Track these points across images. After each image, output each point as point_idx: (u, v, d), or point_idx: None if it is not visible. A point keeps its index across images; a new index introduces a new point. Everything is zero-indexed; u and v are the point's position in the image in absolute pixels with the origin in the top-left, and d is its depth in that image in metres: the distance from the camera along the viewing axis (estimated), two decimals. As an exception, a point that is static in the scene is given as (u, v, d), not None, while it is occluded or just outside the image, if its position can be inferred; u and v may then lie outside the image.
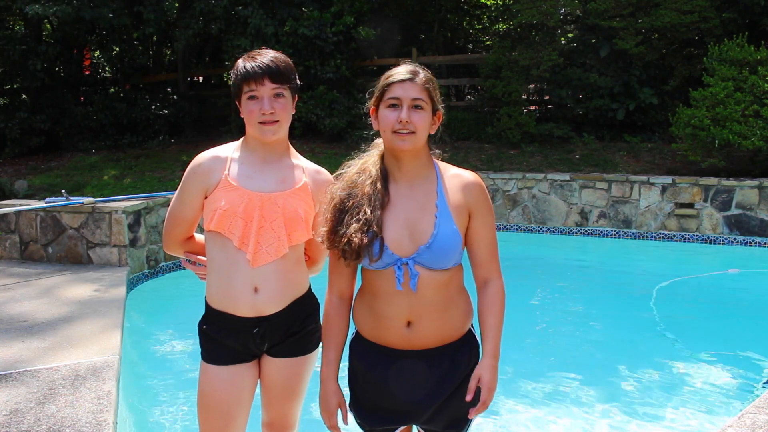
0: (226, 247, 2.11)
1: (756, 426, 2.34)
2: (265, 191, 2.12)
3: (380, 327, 1.94)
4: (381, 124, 1.91)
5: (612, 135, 10.66)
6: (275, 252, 2.11)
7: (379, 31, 11.46)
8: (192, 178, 2.16)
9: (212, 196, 2.12)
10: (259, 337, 2.14)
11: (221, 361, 2.16)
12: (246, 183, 2.11)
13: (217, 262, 2.14)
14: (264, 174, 2.14)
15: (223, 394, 2.15)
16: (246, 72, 2.05)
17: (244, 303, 2.11)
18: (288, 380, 2.21)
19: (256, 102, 2.06)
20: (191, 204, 2.18)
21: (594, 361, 4.74)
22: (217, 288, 2.15)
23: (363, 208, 1.89)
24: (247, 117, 2.09)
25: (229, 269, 2.12)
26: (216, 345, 2.16)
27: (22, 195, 9.04)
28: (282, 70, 2.07)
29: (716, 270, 7.16)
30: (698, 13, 9.65)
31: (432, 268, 1.88)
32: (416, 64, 1.95)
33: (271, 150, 2.16)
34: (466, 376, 1.97)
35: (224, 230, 2.09)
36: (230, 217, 2.08)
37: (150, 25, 10.79)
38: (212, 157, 2.16)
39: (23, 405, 2.94)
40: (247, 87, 2.05)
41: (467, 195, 1.94)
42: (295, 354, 2.20)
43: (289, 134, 2.24)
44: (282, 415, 2.26)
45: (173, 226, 2.24)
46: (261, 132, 2.09)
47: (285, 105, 2.09)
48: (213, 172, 2.13)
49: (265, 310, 2.13)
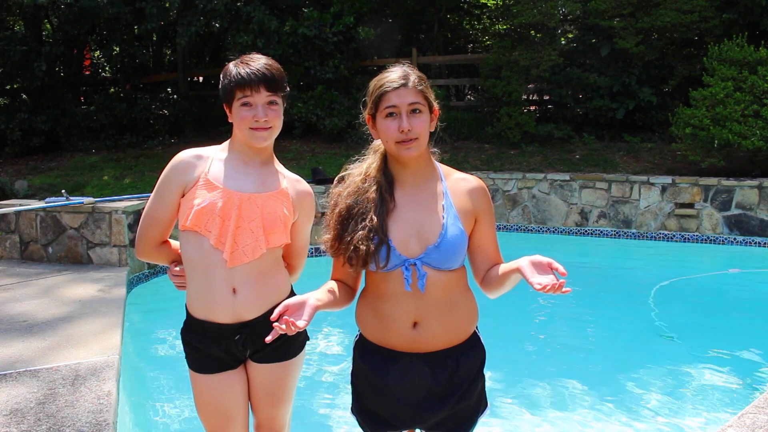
0: (202, 246, 2.08)
1: (756, 426, 2.34)
2: (245, 191, 2.10)
3: (385, 329, 1.92)
4: (382, 134, 1.88)
5: (612, 135, 10.66)
6: (252, 252, 2.08)
7: (379, 31, 11.45)
8: (170, 176, 2.14)
9: (189, 194, 2.10)
10: (240, 344, 2.13)
11: (208, 369, 2.16)
12: (226, 182, 2.10)
13: (193, 263, 2.12)
14: (246, 175, 2.13)
15: (217, 400, 2.16)
16: (241, 78, 2.03)
17: (223, 307, 2.09)
18: (273, 385, 2.21)
19: (250, 109, 2.04)
20: (169, 202, 2.14)
21: (594, 361, 4.74)
22: (197, 292, 2.13)
23: (369, 214, 1.86)
24: (239, 123, 2.07)
25: (206, 270, 2.09)
26: (200, 354, 2.16)
27: (22, 195, 9.02)
28: (277, 78, 2.06)
29: (716, 270, 7.16)
30: (698, 13, 9.65)
31: (439, 268, 1.87)
32: (403, 64, 1.92)
33: (257, 155, 2.15)
34: (472, 380, 1.95)
35: (200, 228, 2.06)
36: (207, 214, 2.06)
37: (153, 21, 10.76)
38: (194, 155, 2.15)
39: (23, 405, 2.93)
40: (241, 93, 2.03)
41: (474, 200, 1.94)
42: (278, 359, 2.19)
43: (289, 134, 2.23)
44: (270, 418, 2.25)
45: (148, 226, 2.18)
46: (253, 138, 2.07)
47: (278, 113, 2.09)
48: (193, 169, 2.11)
49: (244, 315, 2.11)
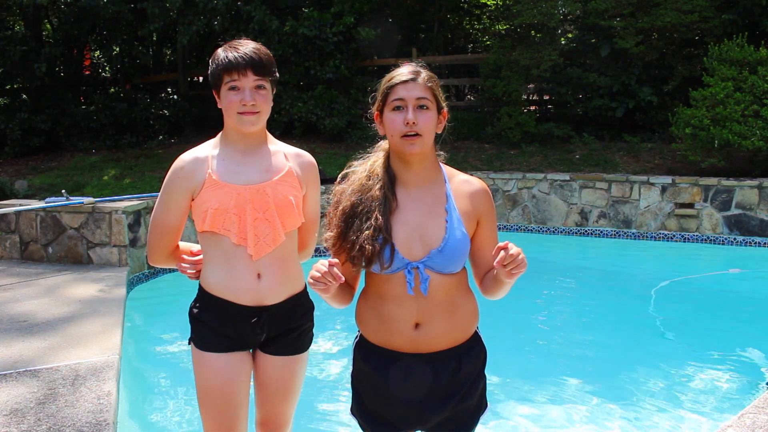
0: (224, 244, 2.10)
1: (756, 426, 2.34)
2: (252, 183, 2.11)
3: (387, 330, 1.91)
4: (387, 128, 1.87)
5: (612, 135, 10.66)
6: (272, 241, 2.11)
7: (379, 31, 11.45)
8: (175, 183, 2.13)
9: (200, 197, 2.10)
10: (259, 327, 2.13)
11: (216, 348, 2.13)
12: (232, 178, 2.10)
13: (216, 257, 2.13)
14: (247, 166, 2.13)
15: (223, 381, 2.13)
16: (228, 62, 2.02)
17: (246, 291, 2.11)
18: (282, 378, 2.21)
19: (237, 93, 2.04)
20: (177, 209, 2.14)
21: (594, 361, 4.74)
22: (218, 277, 2.13)
23: (374, 213, 1.85)
24: (227, 107, 2.07)
25: (229, 262, 2.11)
26: (211, 332, 2.14)
27: (22, 195, 9.02)
28: (264, 62, 2.05)
29: (716, 270, 7.15)
30: (698, 13, 9.65)
31: (442, 272, 1.86)
32: (417, 63, 1.92)
33: (251, 141, 2.15)
34: (473, 380, 1.95)
35: (219, 229, 2.08)
36: (223, 214, 2.07)
37: (155, 21, 10.76)
38: (192, 158, 2.14)
39: (23, 405, 2.93)
40: (229, 77, 2.03)
41: (477, 203, 1.93)
42: (289, 352, 2.21)
43: (289, 134, 2.23)
44: (276, 413, 2.25)
45: (161, 235, 2.16)
46: (240, 123, 2.07)
47: (266, 97, 2.08)
48: (196, 172, 2.11)
49: (266, 299, 2.12)
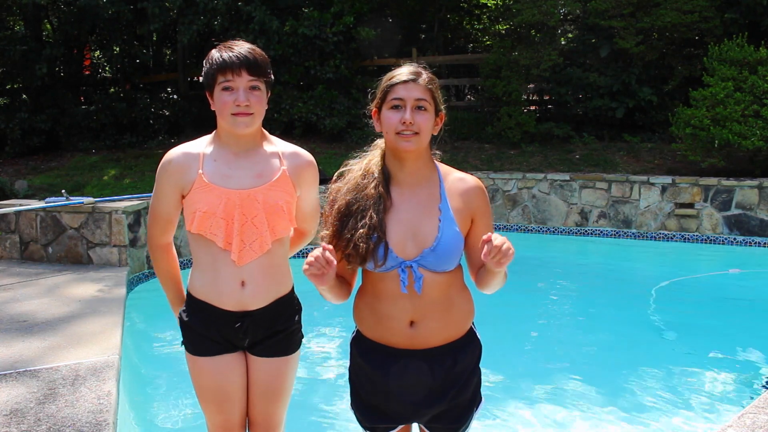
0: (211, 248, 2.09)
1: (756, 426, 2.34)
2: (243, 188, 2.08)
3: (383, 327, 1.94)
4: (384, 125, 1.89)
5: (612, 135, 10.65)
6: (259, 248, 2.09)
7: (379, 31, 11.45)
8: (163, 177, 2.13)
9: (189, 197, 2.09)
10: (241, 332, 2.13)
11: (207, 352, 2.15)
12: (222, 182, 2.07)
13: (203, 260, 2.13)
14: (240, 170, 2.10)
15: (217, 381, 2.16)
16: (222, 62, 2.00)
17: (230, 297, 2.11)
18: (272, 380, 2.21)
19: (231, 93, 2.01)
20: (168, 202, 2.15)
21: (593, 361, 4.74)
22: (202, 281, 2.14)
23: (369, 212, 1.87)
24: (220, 108, 2.04)
25: (214, 265, 2.11)
26: (199, 337, 2.16)
27: (22, 195, 9.02)
28: (259, 62, 2.03)
29: (716, 270, 7.15)
30: (699, 13, 9.64)
31: (436, 270, 1.88)
32: (418, 64, 1.94)
33: (244, 143, 2.12)
34: (468, 374, 1.98)
35: (206, 232, 2.07)
36: (210, 218, 2.06)
37: (155, 21, 10.75)
38: (183, 153, 2.12)
39: (23, 405, 2.93)
40: (223, 77, 2.01)
41: (470, 200, 1.94)
42: (277, 354, 2.20)
43: (289, 134, 2.22)
44: (267, 415, 2.25)
45: (152, 221, 2.21)
46: (234, 124, 2.04)
47: (260, 98, 2.05)
48: (186, 170, 2.09)
49: (249, 305, 2.12)
